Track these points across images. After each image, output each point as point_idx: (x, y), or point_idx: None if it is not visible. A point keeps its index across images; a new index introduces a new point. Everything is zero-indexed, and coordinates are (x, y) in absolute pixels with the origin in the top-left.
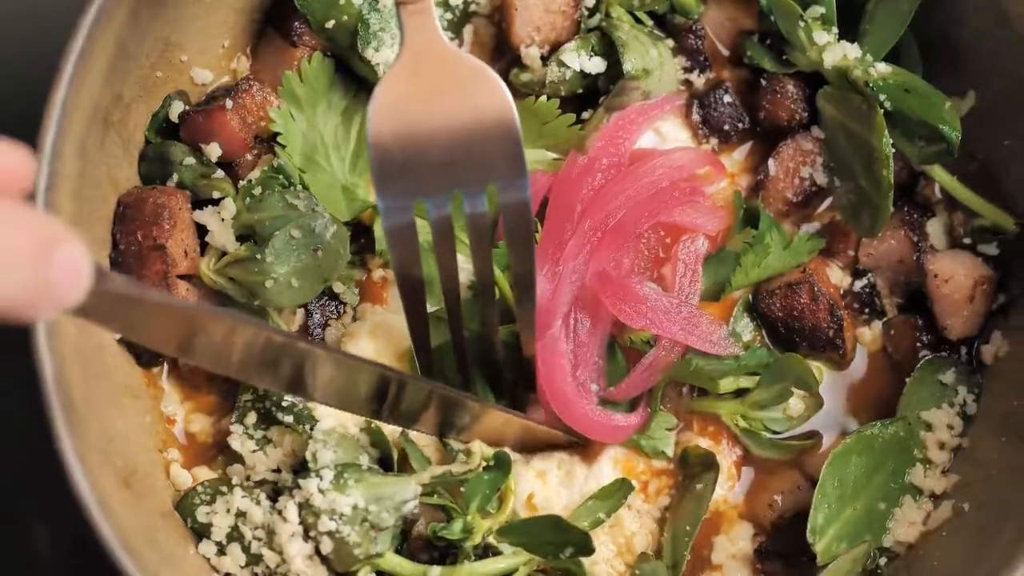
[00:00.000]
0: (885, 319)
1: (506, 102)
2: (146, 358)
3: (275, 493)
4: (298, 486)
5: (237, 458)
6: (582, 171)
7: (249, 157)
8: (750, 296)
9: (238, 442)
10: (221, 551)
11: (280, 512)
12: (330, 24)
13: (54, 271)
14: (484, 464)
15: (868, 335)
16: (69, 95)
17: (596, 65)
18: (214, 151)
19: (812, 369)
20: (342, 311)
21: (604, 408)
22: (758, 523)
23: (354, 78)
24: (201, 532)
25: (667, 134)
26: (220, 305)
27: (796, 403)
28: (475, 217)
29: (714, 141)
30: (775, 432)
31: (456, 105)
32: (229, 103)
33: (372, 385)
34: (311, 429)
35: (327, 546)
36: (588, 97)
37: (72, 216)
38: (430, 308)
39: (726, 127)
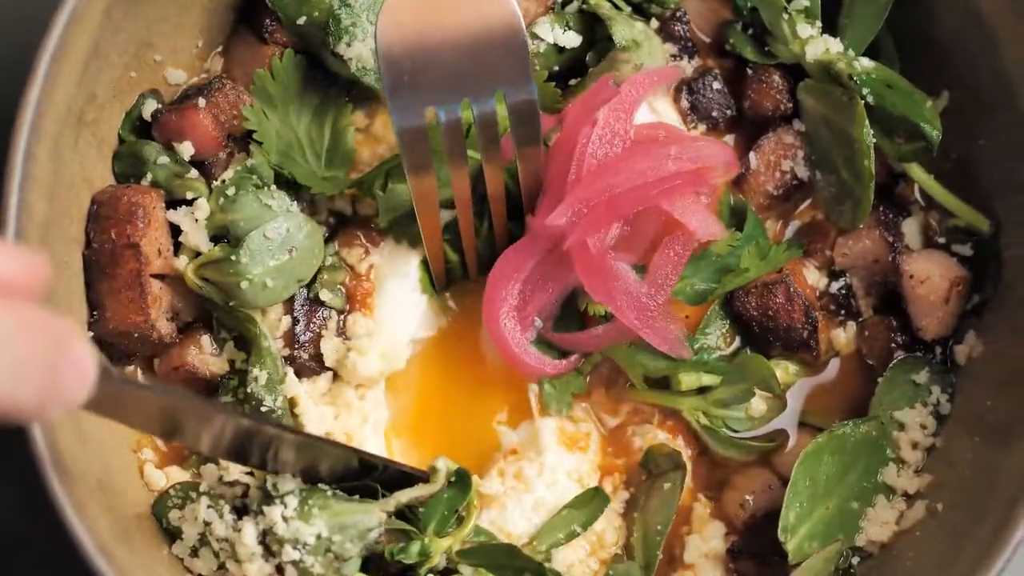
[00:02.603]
0: (860, 320)
1: (512, 10)
2: (115, 357)
3: (242, 506)
4: (262, 512)
5: (212, 459)
6: (585, 135)
7: (222, 156)
8: (727, 293)
9: None
10: (194, 553)
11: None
12: (301, 20)
13: (63, 374)
14: (449, 481)
15: (843, 337)
16: (43, 95)
17: (571, 39)
18: (187, 150)
19: (782, 369)
20: (327, 317)
21: (532, 345)
22: (730, 522)
23: (326, 74)
24: (174, 534)
25: (662, 112)
26: (199, 307)
27: (758, 403)
28: (484, 117)
29: (702, 128)
30: (737, 431)
31: (463, 16)
32: (202, 102)
33: (341, 463)
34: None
35: (292, 575)
36: (568, 76)
37: (46, 216)
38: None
39: (714, 114)
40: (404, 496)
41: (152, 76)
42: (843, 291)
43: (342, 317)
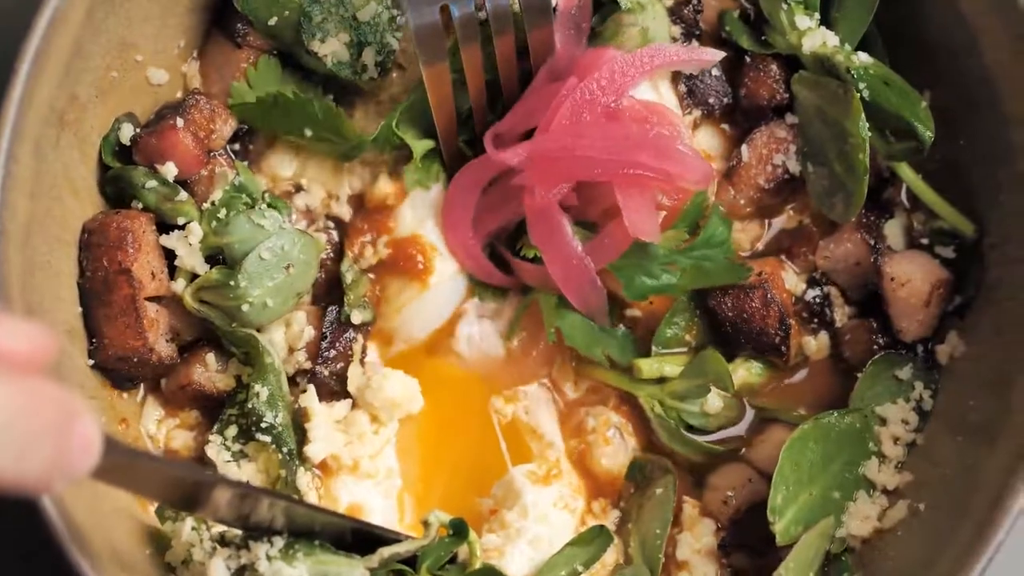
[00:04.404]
0: (839, 326)
1: None
2: (119, 382)
3: (219, 537)
4: (247, 546)
5: (211, 467)
6: (569, 87)
7: (204, 172)
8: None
9: (214, 451)
10: (185, 563)
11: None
12: (273, 21)
13: (68, 446)
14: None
15: (814, 345)
16: (25, 95)
17: None
18: (170, 171)
19: (746, 369)
20: (353, 339)
21: (482, 253)
22: (716, 519)
23: (303, 73)
24: (164, 543)
25: (664, 94)
26: (200, 326)
27: (715, 400)
28: (497, 9)
29: (697, 113)
30: (691, 427)
31: None
32: (179, 121)
33: (336, 533)
34: (286, 451)
35: None
36: None
37: (28, 215)
38: None
39: (711, 100)
40: (387, 552)
41: (134, 76)
42: (818, 300)
43: (366, 340)
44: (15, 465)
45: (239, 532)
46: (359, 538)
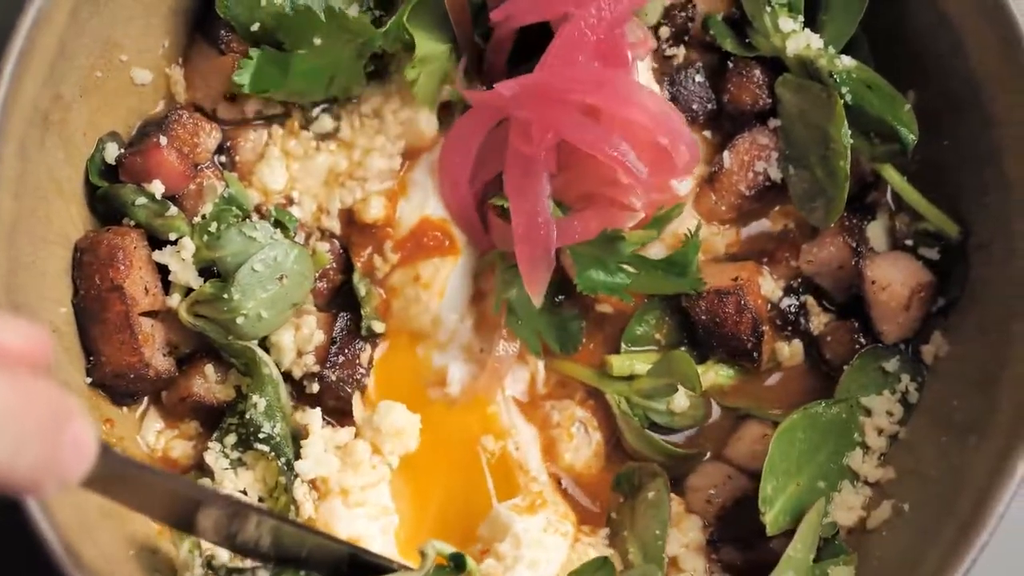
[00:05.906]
0: (815, 333)
1: None
2: (118, 398)
3: (207, 563)
4: None
5: (208, 474)
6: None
7: (192, 187)
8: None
9: (212, 458)
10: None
11: None
12: (255, 27)
13: (62, 449)
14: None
15: (787, 351)
16: (9, 95)
17: None
18: (157, 188)
19: (715, 372)
20: (362, 348)
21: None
22: (703, 518)
23: None
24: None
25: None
26: (198, 337)
27: (681, 399)
28: None
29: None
30: (656, 425)
31: None
32: (163, 139)
33: (332, 559)
34: (284, 461)
35: None
36: None
37: (13, 215)
38: None
39: (695, 106)
40: None
41: (118, 76)
42: (792, 308)
43: (374, 350)
44: (8, 462)
45: (225, 563)
46: (354, 569)
